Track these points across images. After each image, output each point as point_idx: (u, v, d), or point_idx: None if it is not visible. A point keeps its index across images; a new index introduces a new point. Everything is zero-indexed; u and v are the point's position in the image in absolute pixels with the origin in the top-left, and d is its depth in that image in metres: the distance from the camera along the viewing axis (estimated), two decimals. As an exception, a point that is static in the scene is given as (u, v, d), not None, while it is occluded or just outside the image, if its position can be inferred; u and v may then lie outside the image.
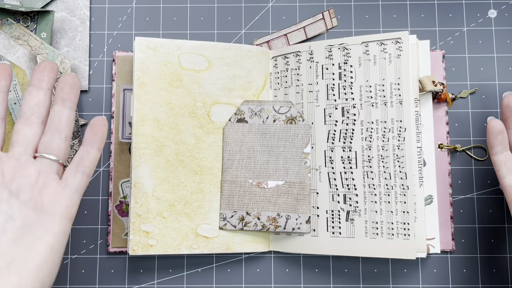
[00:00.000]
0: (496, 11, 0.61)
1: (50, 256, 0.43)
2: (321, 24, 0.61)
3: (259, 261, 0.58)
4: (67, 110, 0.48)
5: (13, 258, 0.42)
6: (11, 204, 0.44)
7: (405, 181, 0.53)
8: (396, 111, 0.54)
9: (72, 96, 0.48)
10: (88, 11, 0.61)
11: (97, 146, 0.48)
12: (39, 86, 0.48)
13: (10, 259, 0.42)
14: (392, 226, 0.53)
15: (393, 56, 0.54)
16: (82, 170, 0.47)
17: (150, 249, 0.54)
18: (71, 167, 0.47)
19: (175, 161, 0.56)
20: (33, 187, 0.45)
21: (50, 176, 0.46)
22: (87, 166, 0.47)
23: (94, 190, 0.59)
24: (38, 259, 0.43)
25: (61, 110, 0.47)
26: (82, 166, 0.47)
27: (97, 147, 0.48)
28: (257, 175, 0.56)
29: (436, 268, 0.58)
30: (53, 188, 0.45)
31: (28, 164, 0.46)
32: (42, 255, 0.43)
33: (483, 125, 0.59)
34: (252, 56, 0.58)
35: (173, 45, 0.57)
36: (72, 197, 0.46)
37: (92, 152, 0.47)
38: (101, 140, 0.48)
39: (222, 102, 0.57)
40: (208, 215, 0.56)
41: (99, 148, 0.48)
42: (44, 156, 0.46)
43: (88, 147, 0.47)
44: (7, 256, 0.42)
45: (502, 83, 0.60)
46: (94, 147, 0.48)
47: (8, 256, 0.42)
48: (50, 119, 0.47)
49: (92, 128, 0.48)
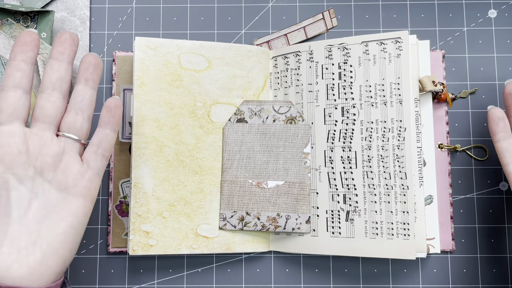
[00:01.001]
0: (496, 11, 0.61)
1: (72, 235, 0.45)
2: (321, 24, 0.61)
3: (259, 261, 0.58)
4: (90, 90, 0.48)
5: (38, 236, 0.43)
6: (36, 182, 0.44)
7: (405, 181, 0.53)
8: (396, 111, 0.54)
9: (95, 77, 0.48)
10: (88, 11, 0.61)
11: (114, 128, 0.48)
12: (60, 59, 0.47)
13: (35, 237, 0.43)
14: (392, 226, 0.53)
15: (393, 55, 0.54)
16: (102, 153, 0.47)
17: (150, 249, 0.54)
18: (91, 149, 0.47)
19: (175, 161, 0.56)
20: (56, 167, 0.45)
21: (73, 157, 0.46)
22: (106, 149, 0.47)
23: (94, 190, 0.59)
24: (61, 238, 0.44)
25: (84, 90, 0.47)
26: (102, 149, 0.47)
27: (114, 129, 0.48)
28: (257, 175, 0.56)
29: (436, 268, 0.58)
30: (76, 169, 0.46)
31: (52, 142, 0.46)
32: (65, 235, 0.44)
33: (483, 125, 0.59)
34: (252, 56, 0.58)
35: (173, 45, 0.57)
36: (94, 179, 0.47)
37: (110, 135, 0.48)
38: (118, 121, 0.48)
39: (222, 102, 0.57)
40: (208, 215, 0.56)
41: (116, 130, 0.48)
42: (67, 135, 0.46)
43: (106, 129, 0.48)
44: (32, 233, 0.43)
45: (502, 83, 0.60)
46: (112, 129, 0.48)
47: (33, 233, 0.43)
48: (73, 99, 0.47)
49: (109, 110, 0.48)
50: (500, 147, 0.52)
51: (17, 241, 0.43)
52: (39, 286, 0.43)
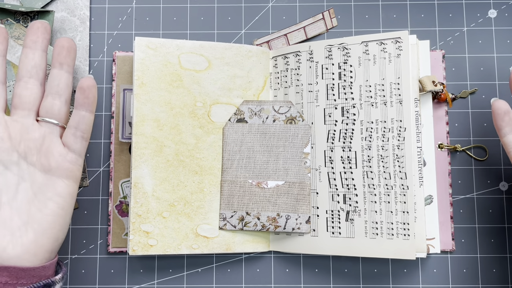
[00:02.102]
0: (496, 11, 0.61)
1: (60, 215, 0.46)
2: (321, 24, 0.61)
3: (259, 261, 0.58)
4: (65, 74, 0.48)
5: (28, 217, 0.45)
6: (20, 166, 0.46)
7: (405, 181, 0.53)
8: (396, 111, 0.54)
9: (69, 60, 0.49)
10: (88, 11, 0.61)
11: (90, 109, 0.49)
12: (34, 48, 0.48)
13: (26, 218, 0.45)
14: (392, 226, 0.53)
15: (393, 55, 0.54)
16: (81, 135, 0.48)
17: (150, 249, 0.54)
18: (70, 132, 0.48)
19: (175, 161, 0.56)
20: (39, 151, 0.47)
21: (54, 140, 0.47)
22: (84, 131, 0.48)
23: (94, 190, 0.59)
24: (50, 218, 0.46)
25: (60, 74, 0.48)
26: (80, 131, 0.48)
27: (90, 110, 0.49)
28: (257, 175, 0.56)
29: (436, 268, 0.58)
30: (57, 152, 0.47)
31: (33, 127, 0.47)
32: (54, 215, 0.46)
33: (483, 125, 0.59)
34: (252, 56, 0.58)
35: (173, 45, 0.57)
36: (76, 161, 0.48)
37: (86, 116, 0.48)
38: (93, 102, 0.49)
39: (222, 102, 0.57)
40: (208, 215, 0.56)
41: (92, 110, 0.49)
42: (47, 120, 0.48)
43: (82, 111, 0.48)
44: (23, 215, 0.45)
45: (502, 83, 0.60)
46: (88, 110, 0.48)
47: (24, 215, 0.45)
48: (49, 83, 0.48)
49: (82, 91, 0.48)
50: (507, 141, 0.51)
51: (10, 223, 0.44)
52: (34, 265, 0.44)
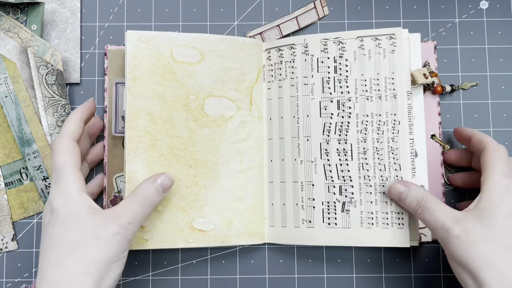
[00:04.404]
0: (487, 2, 0.62)
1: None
2: (313, 13, 0.61)
3: (253, 252, 0.59)
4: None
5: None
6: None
7: (399, 172, 0.53)
8: (390, 105, 0.54)
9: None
10: (79, 3, 0.60)
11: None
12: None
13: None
14: (387, 216, 0.53)
15: (388, 51, 0.54)
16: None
17: (145, 244, 0.54)
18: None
19: (169, 154, 0.55)
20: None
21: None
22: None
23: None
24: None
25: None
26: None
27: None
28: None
29: (428, 257, 0.59)
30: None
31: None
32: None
33: (474, 116, 0.60)
34: (245, 49, 0.58)
35: (166, 38, 0.56)
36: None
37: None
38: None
39: (215, 95, 0.57)
40: (204, 208, 0.56)
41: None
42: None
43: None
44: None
45: (493, 74, 0.60)
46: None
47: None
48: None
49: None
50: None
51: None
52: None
